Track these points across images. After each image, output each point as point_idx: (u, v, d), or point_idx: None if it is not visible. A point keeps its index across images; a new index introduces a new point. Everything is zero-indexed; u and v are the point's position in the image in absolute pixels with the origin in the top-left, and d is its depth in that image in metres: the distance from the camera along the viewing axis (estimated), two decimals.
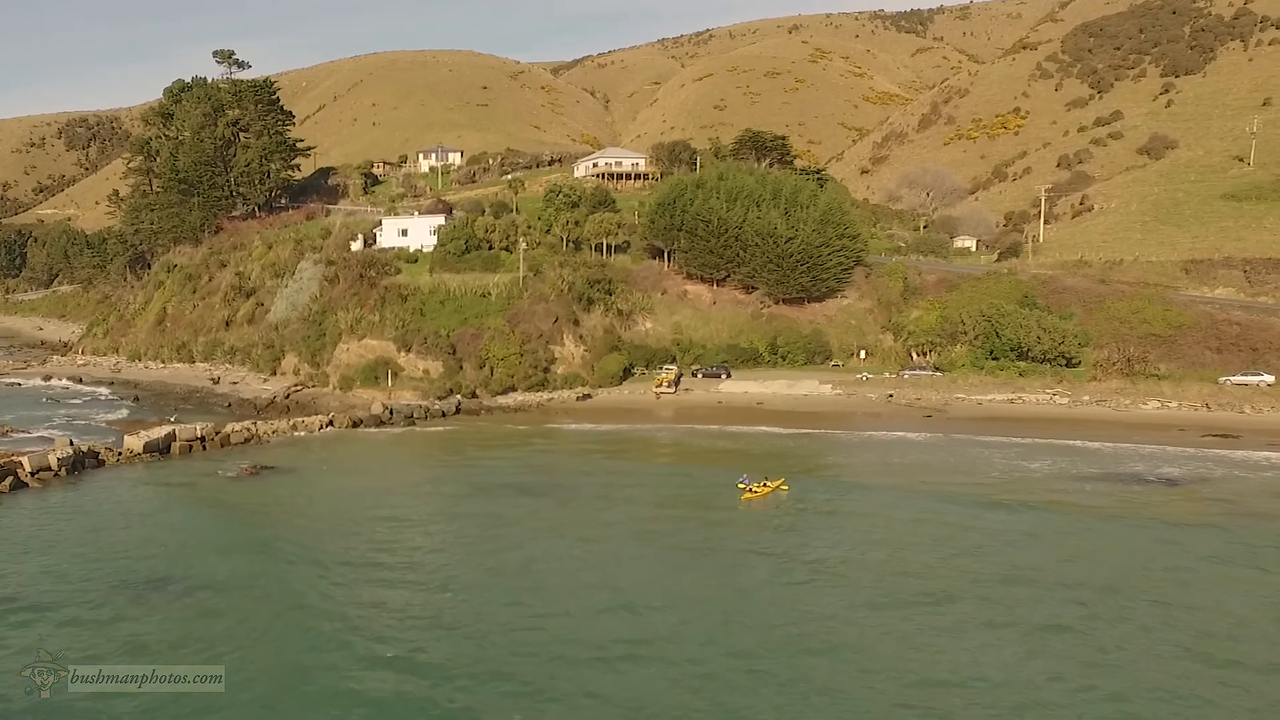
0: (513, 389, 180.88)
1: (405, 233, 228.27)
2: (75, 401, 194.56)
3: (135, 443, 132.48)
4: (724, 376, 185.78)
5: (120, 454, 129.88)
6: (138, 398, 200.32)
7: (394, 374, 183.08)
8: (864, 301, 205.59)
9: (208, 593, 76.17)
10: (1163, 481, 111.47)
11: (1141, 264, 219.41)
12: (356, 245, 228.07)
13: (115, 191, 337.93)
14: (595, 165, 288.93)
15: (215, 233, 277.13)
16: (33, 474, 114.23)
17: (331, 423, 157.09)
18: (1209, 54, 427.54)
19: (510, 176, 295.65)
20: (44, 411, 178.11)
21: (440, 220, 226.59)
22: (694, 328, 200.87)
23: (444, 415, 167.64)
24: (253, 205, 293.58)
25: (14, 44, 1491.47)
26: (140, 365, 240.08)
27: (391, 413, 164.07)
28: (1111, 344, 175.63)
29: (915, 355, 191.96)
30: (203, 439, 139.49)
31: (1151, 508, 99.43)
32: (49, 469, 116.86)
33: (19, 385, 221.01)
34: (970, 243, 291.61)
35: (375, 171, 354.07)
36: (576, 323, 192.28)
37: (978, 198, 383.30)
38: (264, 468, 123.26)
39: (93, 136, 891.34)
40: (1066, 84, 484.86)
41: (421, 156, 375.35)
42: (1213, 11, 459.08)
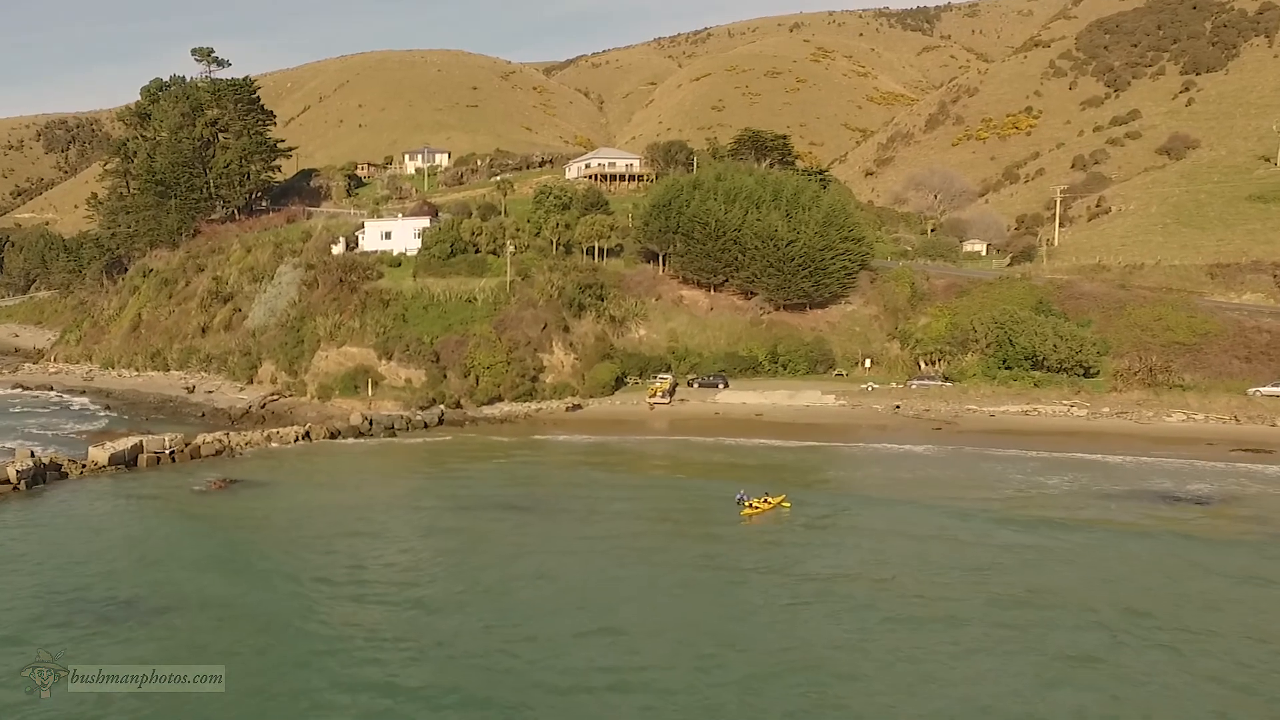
0: (499, 399, 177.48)
1: (388, 236, 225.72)
2: (44, 411, 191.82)
3: (100, 454, 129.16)
4: (721, 386, 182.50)
5: (84, 466, 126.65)
6: (108, 406, 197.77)
7: (374, 383, 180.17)
8: (869, 308, 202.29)
9: (167, 616, 73.28)
10: (1192, 499, 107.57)
11: (1164, 268, 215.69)
12: (338, 249, 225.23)
13: (94, 194, 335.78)
14: (588, 166, 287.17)
15: (193, 236, 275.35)
16: None
17: (307, 434, 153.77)
18: (1232, 50, 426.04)
19: (499, 178, 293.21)
20: (10, 421, 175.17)
21: (425, 223, 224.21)
22: (690, 335, 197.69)
23: (426, 426, 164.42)
24: (232, 208, 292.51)
25: None
26: (113, 373, 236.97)
27: (371, 423, 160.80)
28: (1132, 353, 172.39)
29: (923, 364, 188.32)
30: (171, 451, 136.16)
31: (1181, 526, 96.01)
32: (7, 482, 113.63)
33: None
34: (980, 246, 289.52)
35: (359, 173, 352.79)
36: (566, 329, 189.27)
37: (988, 200, 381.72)
38: (233, 481, 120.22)
39: (72, 139, 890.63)
40: (1081, 82, 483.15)
41: (407, 158, 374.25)
42: (1236, 6, 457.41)
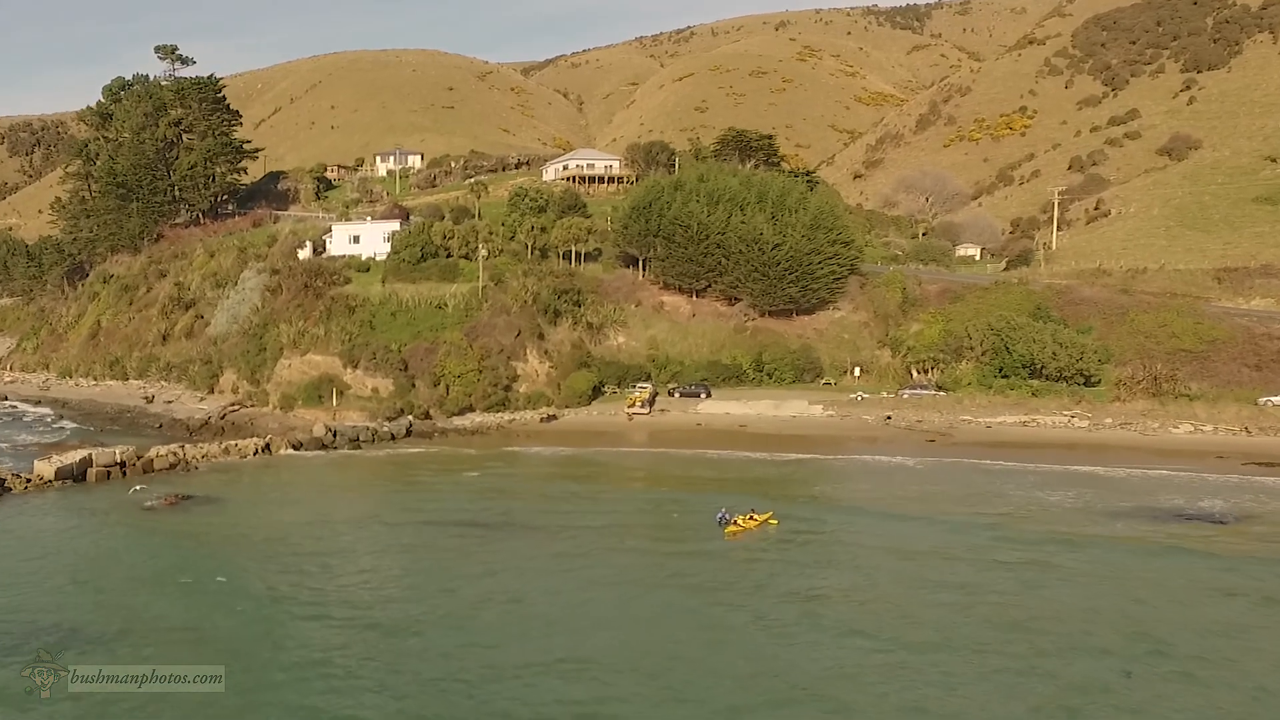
0: (470, 409, 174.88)
1: (357, 240, 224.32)
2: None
3: (46, 468, 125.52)
4: (703, 396, 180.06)
5: (29, 481, 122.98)
6: (65, 416, 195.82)
7: (339, 393, 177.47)
8: (858, 314, 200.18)
9: (108, 645, 69.48)
10: (1205, 516, 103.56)
11: (1168, 272, 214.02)
12: (304, 253, 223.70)
13: (58, 198, 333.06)
14: (565, 168, 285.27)
15: (155, 241, 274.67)
16: None
17: (268, 446, 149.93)
18: (1234, 47, 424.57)
19: (473, 180, 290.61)
20: None
21: (395, 226, 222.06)
22: (671, 342, 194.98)
23: (393, 438, 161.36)
24: (197, 211, 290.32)
25: None
26: (71, 382, 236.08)
27: (335, 435, 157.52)
28: (1136, 360, 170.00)
29: (915, 373, 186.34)
30: (123, 464, 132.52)
31: (1195, 545, 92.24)
32: None
33: None
34: (974, 251, 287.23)
35: (329, 175, 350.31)
36: (541, 337, 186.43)
37: (981, 203, 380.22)
38: (186, 497, 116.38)
39: (37, 142, 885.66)
40: (1078, 81, 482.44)
41: (379, 160, 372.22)
42: (1238, 2, 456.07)
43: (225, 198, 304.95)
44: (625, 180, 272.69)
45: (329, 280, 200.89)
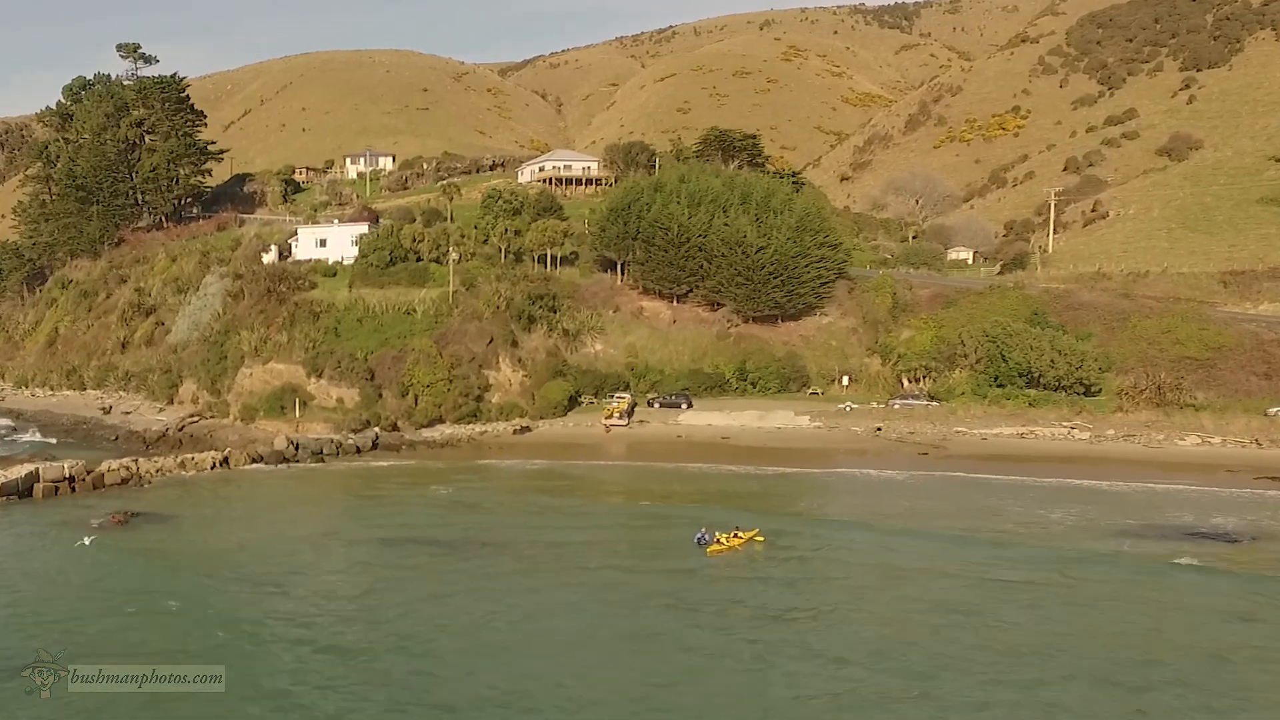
0: (440, 420, 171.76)
1: (323, 243, 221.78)
2: None
3: None
4: (684, 406, 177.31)
5: None
6: (15, 428, 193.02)
7: (302, 403, 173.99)
8: (847, 320, 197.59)
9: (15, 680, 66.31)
10: (1218, 535, 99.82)
11: (1171, 276, 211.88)
12: (269, 257, 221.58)
13: (20, 201, 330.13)
14: (542, 169, 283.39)
15: (116, 245, 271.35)
16: None
17: (226, 460, 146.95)
18: (1235, 45, 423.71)
19: (445, 182, 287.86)
20: None
21: (363, 229, 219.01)
22: (651, 350, 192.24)
23: (359, 451, 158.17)
24: (159, 215, 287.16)
25: None
26: (26, 393, 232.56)
27: (297, 448, 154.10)
28: (1138, 369, 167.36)
29: (907, 382, 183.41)
30: (72, 479, 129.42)
31: (1207, 564, 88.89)
32: None
33: None
34: (966, 254, 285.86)
35: (297, 178, 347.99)
36: (515, 344, 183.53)
37: (973, 206, 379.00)
38: (136, 515, 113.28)
39: (0, 145, 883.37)
40: (1073, 80, 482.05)
41: (349, 161, 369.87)
42: None
43: (189, 201, 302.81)
44: (604, 182, 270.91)
45: (293, 285, 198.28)
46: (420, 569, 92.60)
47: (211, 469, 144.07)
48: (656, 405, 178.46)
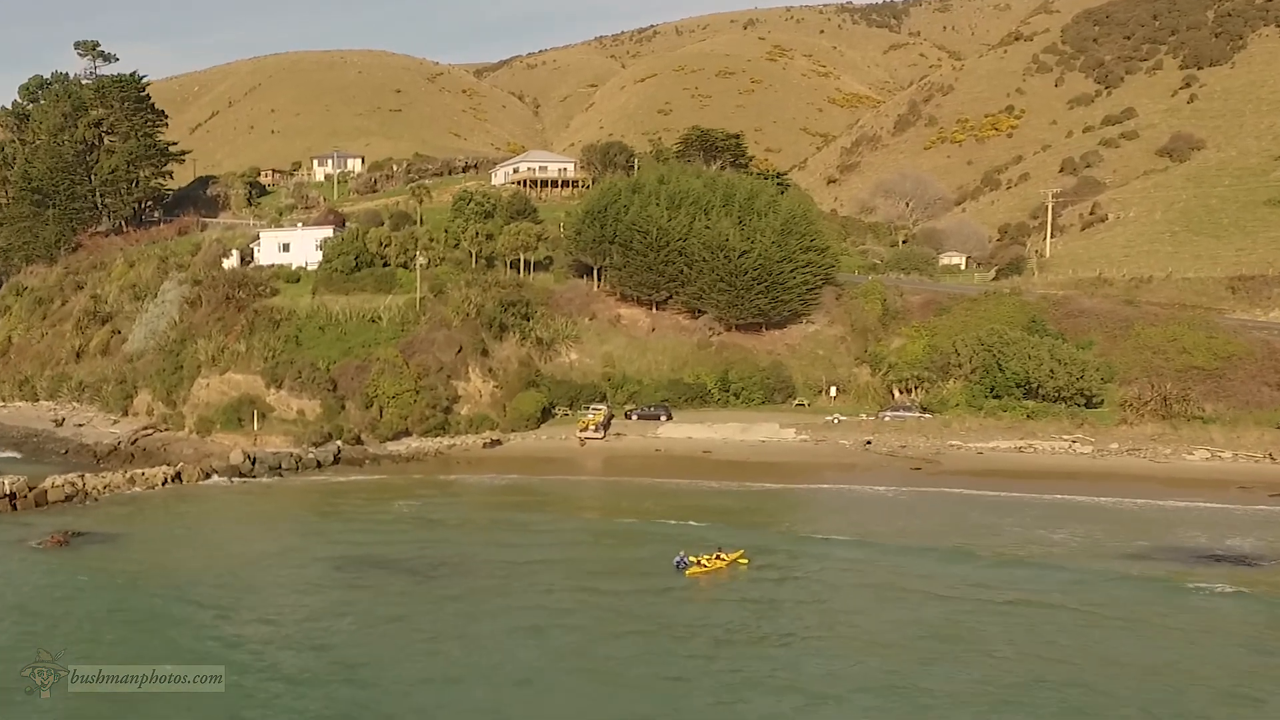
0: (406, 433, 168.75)
1: (287, 248, 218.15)
2: None
3: None
4: (664, 418, 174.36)
5: None
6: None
7: (261, 415, 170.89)
8: (834, 328, 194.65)
9: None
10: (1235, 557, 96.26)
11: (1176, 281, 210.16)
12: (230, 262, 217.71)
13: None
14: (516, 171, 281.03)
15: (73, 250, 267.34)
16: None
17: (178, 475, 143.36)
18: (1237, 42, 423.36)
19: (414, 184, 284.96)
20: None
21: (327, 233, 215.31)
22: (628, 359, 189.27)
23: (319, 465, 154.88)
24: (119, 219, 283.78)
25: None
26: None
27: (254, 462, 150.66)
28: (1143, 379, 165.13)
29: (898, 392, 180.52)
30: (13, 496, 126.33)
31: (1225, 589, 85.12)
32: None
33: None
34: (959, 259, 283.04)
35: (263, 180, 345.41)
36: (485, 353, 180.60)
37: (965, 209, 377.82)
38: (78, 535, 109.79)
39: None
40: (1068, 78, 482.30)
41: (316, 163, 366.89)
42: None
43: (150, 204, 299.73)
44: (581, 184, 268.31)
45: (254, 292, 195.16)
46: (376, 591, 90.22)
47: (163, 485, 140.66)
48: (634, 417, 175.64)
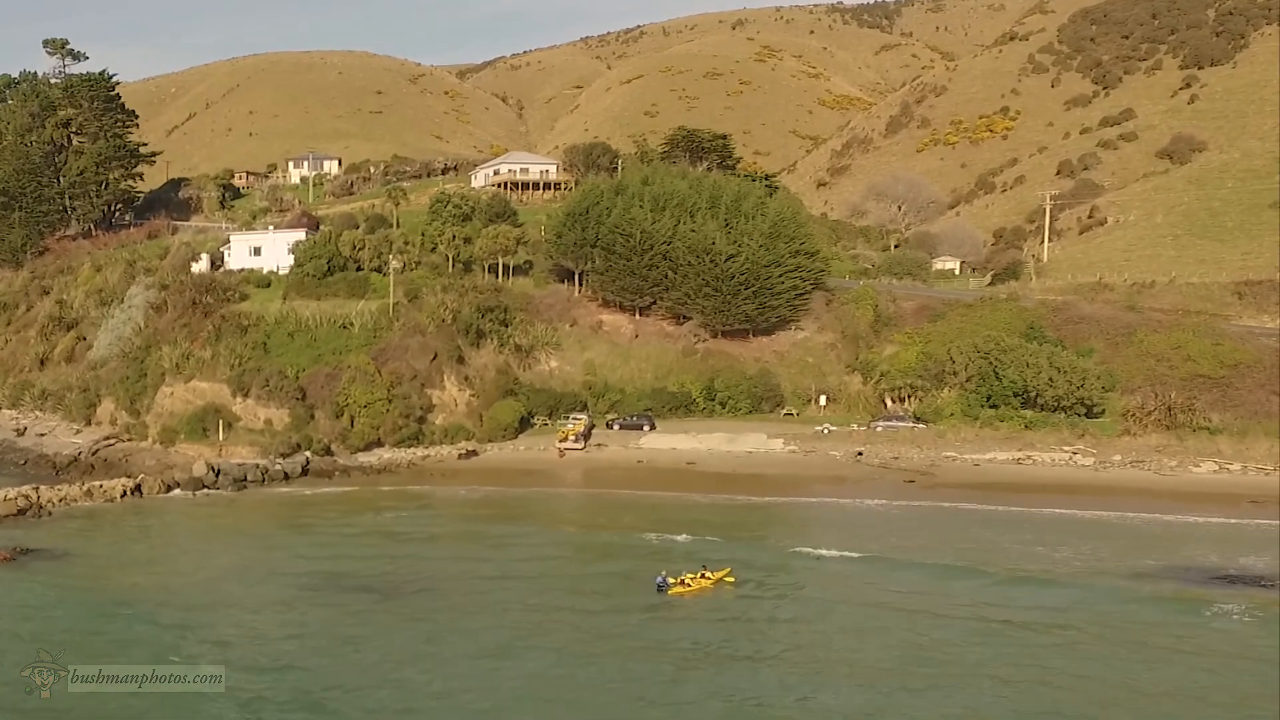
0: (378, 443, 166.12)
1: (258, 251, 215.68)
2: None
3: None
4: (647, 428, 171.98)
5: None
6: None
7: (227, 425, 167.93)
8: (824, 334, 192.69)
9: None
10: (1250, 578, 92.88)
11: (1180, 287, 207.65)
12: (199, 266, 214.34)
13: None
14: (496, 173, 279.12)
15: (40, 254, 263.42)
16: None
17: (138, 488, 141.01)
18: (1239, 41, 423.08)
19: (391, 185, 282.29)
20: None
21: (299, 236, 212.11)
22: (611, 367, 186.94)
23: (287, 477, 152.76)
24: (88, 222, 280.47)
25: None
26: None
27: (218, 474, 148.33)
28: (1145, 388, 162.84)
29: (890, 402, 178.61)
30: None
31: (1242, 613, 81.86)
32: None
33: None
34: (953, 264, 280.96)
35: (237, 183, 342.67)
36: (461, 361, 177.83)
37: (959, 212, 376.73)
38: (27, 551, 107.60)
39: None
40: (1065, 79, 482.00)
41: (292, 165, 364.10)
42: None
43: (119, 207, 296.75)
44: (564, 186, 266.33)
45: (222, 296, 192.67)
46: (337, 610, 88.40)
47: (122, 498, 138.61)
48: (616, 427, 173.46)
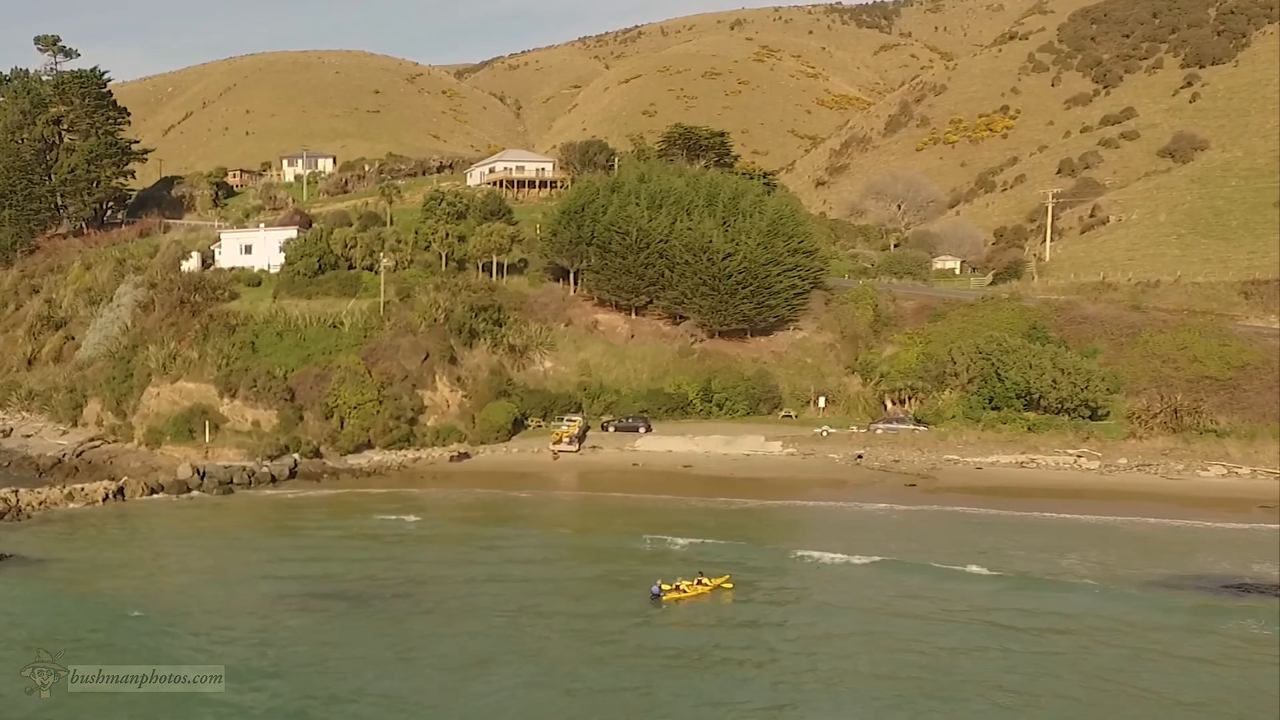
0: (368, 445, 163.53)
1: (249, 250, 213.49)
2: None
3: None
4: (642, 430, 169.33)
5: None
6: None
7: (214, 426, 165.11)
8: (823, 334, 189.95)
9: None
10: (1264, 587, 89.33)
11: (1185, 286, 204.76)
12: (190, 265, 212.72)
13: None
14: (492, 171, 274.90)
15: (31, 253, 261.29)
16: None
17: (120, 491, 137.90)
18: (1241, 40, 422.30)
19: (384, 183, 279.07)
20: None
21: (290, 234, 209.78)
22: (606, 368, 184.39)
23: (274, 480, 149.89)
24: (80, 221, 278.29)
25: None
26: None
27: (203, 477, 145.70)
28: (1151, 389, 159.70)
29: (890, 404, 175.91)
30: None
31: (1259, 625, 78.77)
32: None
33: None
34: (953, 263, 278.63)
35: (230, 181, 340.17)
36: (454, 361, 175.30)
37: (959, 211, 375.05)
38: (1, 557, 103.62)
39: None
40: (1065, 78, 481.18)
41: (286, 164, 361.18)
42: None
43: (111, 205, 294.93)
44: (560, 184, 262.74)
45: (211, 295, 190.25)
46: (318, 619, 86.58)
47: (104, 501, 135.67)
48: (611, 429, 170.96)
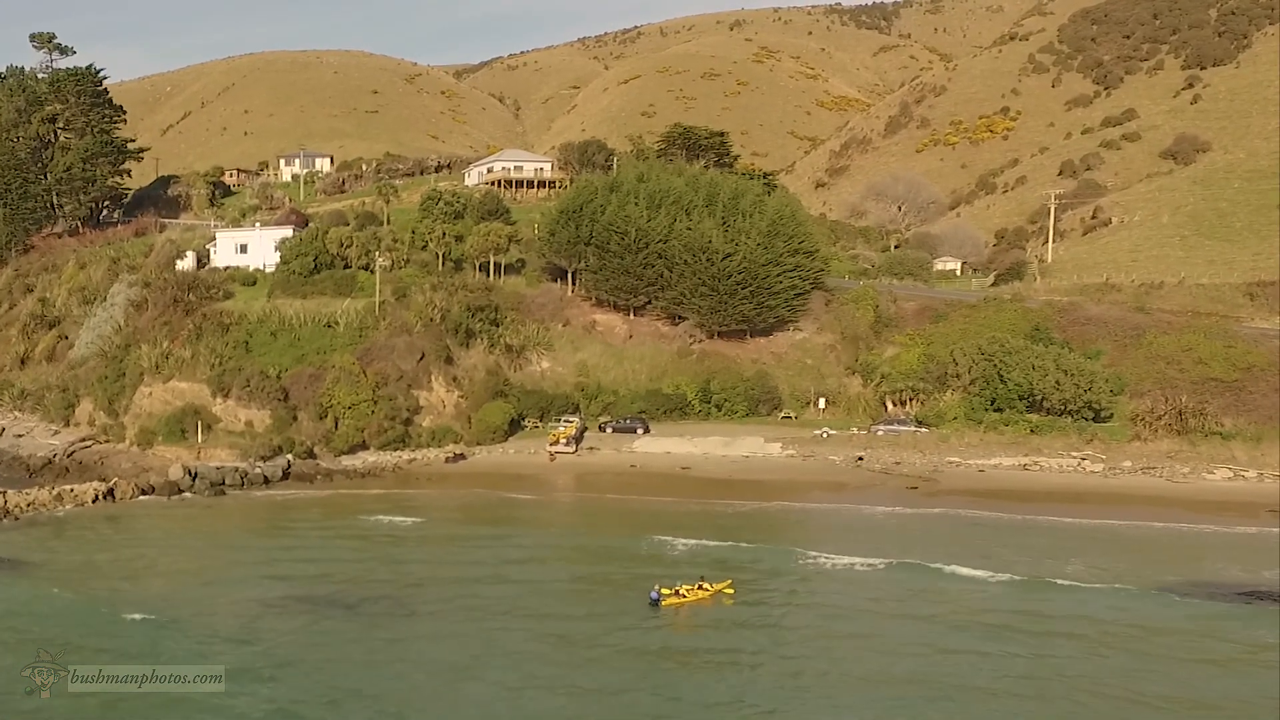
0: (363, 446, 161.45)
1: (244, 249, 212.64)
2: None
3: None
4: (640, 431, 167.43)
5: None
6: None
7: (207, 426, 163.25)
8: (823, 335, 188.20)
9: None
10: (1277, 596, 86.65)
11: (1189, 287, 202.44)
12: (185, 264, 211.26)
13: None
14: (490, 170, 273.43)
15: (25, 252, 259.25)
16: None
17: (110, 492, 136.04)
18: (1242, 41, 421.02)
19: (381, 182, 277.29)
20: None
21: (286, 233, 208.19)
22: (604, 368, 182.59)
23: (267, 481, 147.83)
24: (76, 220, 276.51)
25: None
26: None
27: (194, 478, 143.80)
28: (1155, 391, 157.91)
29: (891, 405, 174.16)
30: None
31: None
32: None
33: None
34: (954, 265, 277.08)
35: (227, 180, 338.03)
36: (450, 361, 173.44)
37: (959, 213, 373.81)
38: None
39: None
40: (1066, 79, 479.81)
41: (283, 163, 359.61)
42: None
43: (107, 204, 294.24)
44: (558, 184, 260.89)
45: (205, 294, 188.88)
46: (317, 621, 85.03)
47: (93, 502, 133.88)
48: (609, 430, 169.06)
